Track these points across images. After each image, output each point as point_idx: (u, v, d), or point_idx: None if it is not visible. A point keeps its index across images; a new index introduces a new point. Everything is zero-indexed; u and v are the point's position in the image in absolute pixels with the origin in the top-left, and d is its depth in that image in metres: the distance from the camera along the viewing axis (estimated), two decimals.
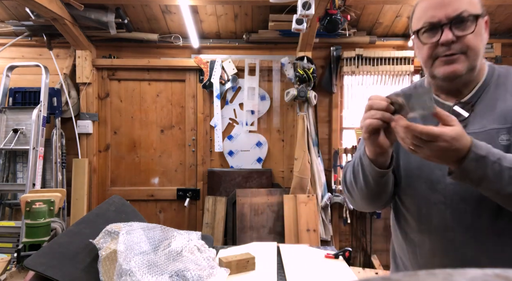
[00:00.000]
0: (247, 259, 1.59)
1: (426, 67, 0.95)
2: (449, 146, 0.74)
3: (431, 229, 0.94)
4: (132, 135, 3.72)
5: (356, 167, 0.97)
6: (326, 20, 2.84)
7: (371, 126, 0.82)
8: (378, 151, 0.87)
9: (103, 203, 1.69)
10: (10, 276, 1.33)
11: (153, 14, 3.37)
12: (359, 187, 0.98)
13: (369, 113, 0.83)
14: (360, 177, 0.96)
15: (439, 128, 0.74)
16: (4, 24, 3.43)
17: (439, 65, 0.91)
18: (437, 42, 0.90)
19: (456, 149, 0.75)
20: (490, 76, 0.96)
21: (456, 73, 0.90)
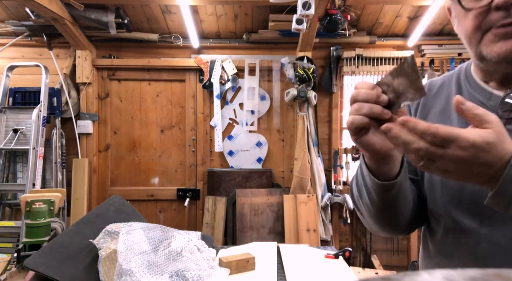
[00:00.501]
0: (247, 259, 1.59)
1: (471, 44, 0.67)
2: (471, 157, 0.50)
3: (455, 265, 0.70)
4: (132, 135, 3.72)
5: (359, 178, 0.75)
6: (326, 20, 2.84)
7: (353, 125, 0.60)
8: (375, 157, 0.65)
9: (103, 203, 1.69)
10: (10, 276, 1.33)
11: (153, 14, 3.37)
12: (364, 204, 0.76)
13: (353, 107, 0.61)
14: (363, 191, 0.74)
15: (457, 130, 0.51)
16: (4, 24, 3.43)
17: (493, 40, 0.63)
18: (489, 4, 0.63)
19: (486, 163, 0.51)
20: None
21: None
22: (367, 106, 0.60)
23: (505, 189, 0.52)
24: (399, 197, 0.71)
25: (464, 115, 0.53)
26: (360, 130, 0.61)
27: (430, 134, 0.51)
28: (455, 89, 0.77)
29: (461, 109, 0.52)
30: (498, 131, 0.51)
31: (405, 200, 0.73)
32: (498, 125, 0.52)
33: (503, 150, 0.51)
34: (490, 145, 0.50)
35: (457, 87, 0.77)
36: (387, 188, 0.68)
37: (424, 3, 3.09)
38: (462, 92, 0.75)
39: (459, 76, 0.78)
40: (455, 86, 0.77)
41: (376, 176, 0.68)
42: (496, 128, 0.51)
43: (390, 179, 0.67)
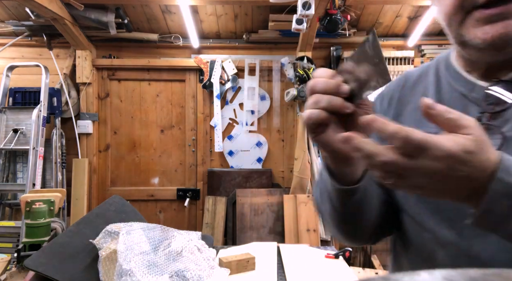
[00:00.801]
0: (247, 259, 1.59)
1: (451, 27, 0.57)
2: (448, 169, 0.42)
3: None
4: (132, 135, 3.72)
5: (320, 181, 0.66)
6: (326, 20, 2.84)
7: (310, 121, 0.51)
8: (335, 158, 0.56)
9: (103, 203, 1.69)
10: (10, 276, 1.33)
11: (153, 14, 3.37)
12: (326, 210, 0.66)
13: (311, 99, 0.51)
14: (325, 196, 0.65)
15: (431, 136, 0.42)
16: (4, 24, 3.43)
17: (477, 23, 0.53)
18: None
19: (466, 176, 0.42)
20: None
21: (509, 36, 0.51)
22: (326, 98, 0.50)
23: (492, 208, 0.43)
24: (363, 204, 0.62)
25: (434, 122, 0.44)
26: (318, 127, 0.52)
27: (401, 139, 0.41)
28: (433, 80, 0.68)
29: (430, 114, 0.44)
30: (478, 138, 0.42)
31: (370, 207, 0.65)
32: (478, 131, 0.43)
33: (485, 160, 0.42)
34: (470, 154, 0.42)
35: (436, 79, 0.68)
36: (349, 193, 0.59)
37: (424, 3, 3.09)
38: (441, 84, 0.66)
39: (438, 65, 0.69)
40: (433, 77, 0.68)
41: (338, 179, 0.59)
42: (476, 134, 0.42)
43: (353, 183, 0.59)
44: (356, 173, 0.59)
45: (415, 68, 0.76)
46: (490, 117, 0.56)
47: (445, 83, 0.66)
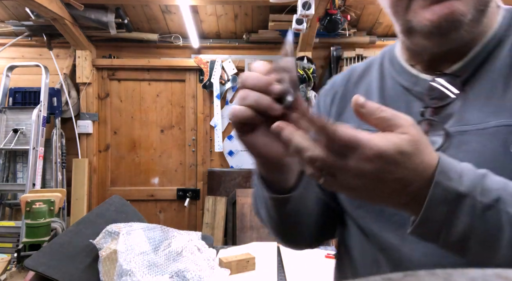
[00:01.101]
0: (247, 259, 1.59)
1: (397, 14, 0.55)
2: (380, 171, 0.38)
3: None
4: (132, 135, 3.72)
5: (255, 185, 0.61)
6: (326, 20, 2.84)
7: (235, 118, 0.46)
8: (263, 163, 0.52)
9: (103, 203, 1.69)
10: (10, 276, 1.33)
11: (153, 14, 3.37)
12: (264, 216, 0.63)
13: (239, 94, 0.46)
14: (260, 200, 0.61)
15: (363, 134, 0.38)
16: (4, 24, 3.43)
17: (423, 4, 0.50)
18: None
19: (401, 179, 0.38)
20: (504, 31, 0.54)
21: (454, 16, 0.48)
22: (253, 95, 0.44)
23: (431, 216, 0.39)
24: (300, 210, 0.58)
25: (367, 121, 0.40)
26: (244, 126, 0.46)
27: (327, 135, 0.37)
28: (377, 75, 0.65)
29: (361, 113, 0.39)
30: (414, 137, 0.38)
31: (309, 212, 0.61)
32: (414, 130, 0.39)
33: (422, 162, 0.38)
34: (405, 156, 0.37)
35: (380, 73, 0.65)
36: (283, 202, 0.55)
37: None
38: (384, 78, 0.63)
39: (383, 59, 0.66)
40: (377, 72, 0.65)
41: (271, 186, 0.54)
42: (412, 133, 0.38)
43: (287, 190, 0.54)
44: (290, 179, 0.54)
45: (361, 62, 0.73)
46: (433, 112, 0.54)
47: (389, 77, 0.63)
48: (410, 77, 0.59)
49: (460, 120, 0.51)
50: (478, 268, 0.16)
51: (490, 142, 0.47)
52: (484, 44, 0.53)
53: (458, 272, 0.15)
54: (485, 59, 0.53)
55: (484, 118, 0.49)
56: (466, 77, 0.53)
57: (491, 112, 0.49)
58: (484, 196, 0.38)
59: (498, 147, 0.46)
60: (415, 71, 0.59)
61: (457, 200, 0.38)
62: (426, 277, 0.15)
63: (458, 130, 0.51)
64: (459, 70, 0.54)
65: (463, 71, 0.54)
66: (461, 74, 0.53)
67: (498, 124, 0.47)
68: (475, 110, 0.50)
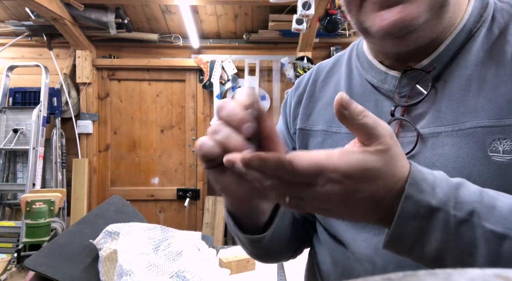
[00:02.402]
0: (247, 259, 1.59)
1: (351, 11, 0.52)
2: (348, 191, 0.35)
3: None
4: (132, 135, 3.72)
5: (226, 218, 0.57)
6: (326, 20, 2.84)
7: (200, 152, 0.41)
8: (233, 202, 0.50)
9: (103, 203, 1.69)
10: (10, 276, 1.33)
11: (153, 14, 3.37)
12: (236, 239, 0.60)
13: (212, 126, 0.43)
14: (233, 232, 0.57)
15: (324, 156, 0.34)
16: (4, 24, 3.43)
17: (373, 6, 0.47)
18: None
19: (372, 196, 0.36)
20: (476, 20, 0.50)
21: (405, 22, 0.45)
22: (224, 132, 0.40)
23: (402, 231, 0.37)
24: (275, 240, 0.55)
25: (346, 124, 0.36)
26: (211, 161, 0.42)
27: (286, 172, 0.34)
28: (345, 71, 0.61)
29: (343, 115, 0.35)
30: (388, 150, 0.35)
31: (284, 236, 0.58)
32: (392, 142, 0.36)
33: (393, 176, 0.36)
34: (374, 172, 0.35)
35: (348, 69, 0.61)
36: (256, 240, 0.52)
37: None
38: (352, 75, 0.59)
39: (351, 54, 0.63)
40: (345, 68, 0.61)
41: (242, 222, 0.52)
42: (386, 145, 0.35)
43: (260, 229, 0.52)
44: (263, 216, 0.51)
45: (328, 59, 0.68)
46: (403, 111, 0.51)
47: (357, 74, 0.59)
48: (378, 74, 0.55)
49: (433, 121, 0.47)
50: (478, 268, 0.16)
51: (466, 145, 0.44)
52: (454, 37, 0.49)
53: (457, 272, 0.15)
54: (456, 53, 0.49)
55: (458, 118, 0.46)
56: (437, 73, 0.50)
57: (466, 112, 0.46)
58: (458, 210, 0.36)
59: (475, 150, 0.43)
60: (383, 68, 0.55)
61: (429, 214, 0.36)
62: (426, 276, 0.15)
63: (432, 132, 0.47)
64: (428, 66, 0.50)
65: (433, 67, 0.50)
66: (431, 69, 0.49)
67: (474, 125, 0.44)
68: (449, 110, 0.47)
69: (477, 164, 0.43)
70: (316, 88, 0.65)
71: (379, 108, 0.54)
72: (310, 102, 0.64)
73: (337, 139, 0.56)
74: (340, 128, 0.56)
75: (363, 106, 0.49)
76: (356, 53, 0.61)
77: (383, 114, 0.52)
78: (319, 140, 0.59)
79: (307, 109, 0.64)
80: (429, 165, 0.45)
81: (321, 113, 0.61)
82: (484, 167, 0.43)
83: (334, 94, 0.60)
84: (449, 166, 0.44)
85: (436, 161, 0.45)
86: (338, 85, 0.61)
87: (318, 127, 0.60)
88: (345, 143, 0.53)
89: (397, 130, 0.51)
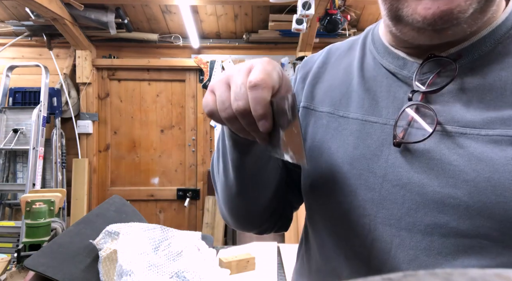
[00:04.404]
0: (247, 259, 1.59)
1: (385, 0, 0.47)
2: None
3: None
4: (132, 135, 3.72)
5: (218, 142, 0.58)
6: (326, 20, 2.84)
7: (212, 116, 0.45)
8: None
9: (103, 203, 1.69)
10: (10, 276, 1.33)
11: (153, 14, 3.37)
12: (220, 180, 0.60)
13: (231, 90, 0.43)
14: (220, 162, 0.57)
15: None
16: (4, 24, 3.43)
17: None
18: None
19: None
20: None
21: (452, 15, 0.41)
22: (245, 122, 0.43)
23: None
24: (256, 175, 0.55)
25: None
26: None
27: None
28: (359, 55, 0.58)
29: None
30: None
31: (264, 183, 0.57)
32: None
33: None
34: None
35: (361, 53, 0.58)
36: (242, 151, 0.51)
37: None
38: (365, 58, 0.57)
39: (366, 39, 0.60)
40: (359, 52, 0.59)
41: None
42: None
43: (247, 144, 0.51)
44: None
45: (341, 42, 0.65)
46: (422, 98, 0.48)
47: (370, 58, 0.56)
48: (396, 60, 0.52)
49: (459, 120, 0.44)
50: (478, 268, 0.16)
51: (490, 151, 0.42)
52: (493, 29, 0.45)
53: (458, 272, 0.16)
54: (493, 49, 0.45)
55: (488, 124, 0.43)
56: (466, 65, 0.45)
57: (497, 118, 0.42)
58: None
59: (500, 156, 0.41)
60: (402, 54, 0.51)
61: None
62: (426, 277, 0.15)
63: (456, 131, 0.44)
64: (456, 54, 0.46)
65: (462, 56, 0.46)
66: (459, 58, 0.46)
67: (503, 134, 0.42)
68: (478, 112, 0.43)
69: (499, 170, 0.41)
70: (325, 69, 0.62)
71: (392, 93, 0.50)
72: (317, 82, 0.61)
73: (343, 123, 0.53)
74: (349, 113, 0.53)
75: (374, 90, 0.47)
76: (372, 38, 0.58)
77: (395, 100, 0.49)
78: (323, 122, 0.56)
79: (313, 88, 0.61)
80: (444, 162, 0.44)
81: (328, 95, 0.58)
82: (507, 174, 0.40)
83: (344, 76, 0.58)
84: (468, 167, 0.42)
85: (453, 160, 0.43)
86: (350, 67, 0.58)
87: (323, 108, 0.57)
88: (352, 128, 0.52)
89: (411, 118, 0.47)
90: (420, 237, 0.45)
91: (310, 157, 0.56)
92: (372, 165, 0.49)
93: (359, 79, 0.55)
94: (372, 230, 0.48)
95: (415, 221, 0.45)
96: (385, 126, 0.49)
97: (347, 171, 0.50)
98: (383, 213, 0.47)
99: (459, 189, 0.42)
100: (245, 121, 0.42)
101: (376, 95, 0.51)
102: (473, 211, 0.41)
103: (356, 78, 0.55)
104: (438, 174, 0.44)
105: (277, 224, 0.67)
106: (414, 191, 0.45)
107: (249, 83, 0.41)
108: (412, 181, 0.45)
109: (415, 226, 0.45)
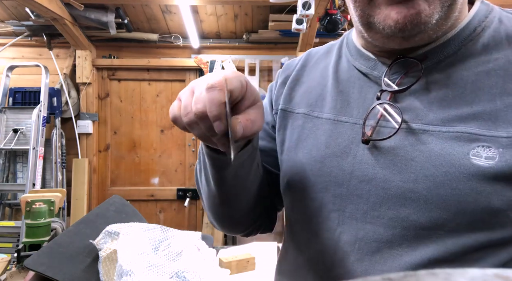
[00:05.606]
0: (247, 259, 1.59)
1: (356, 4, 0.49)
2: None
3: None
4: (132, 135, 3.72)
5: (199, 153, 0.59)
6: (326, 20, 2.84)
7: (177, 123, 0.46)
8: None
9: (103, 203, 1.69)
10: (10, 276, 1.33)
11: (153, 14, 3.37)
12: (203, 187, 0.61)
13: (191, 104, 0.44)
14: (202, 170, 0.59)
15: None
16: (4, 24, 3.43)
17: (384, 2, 0.46)
18: None
19: None
20: (481, 20, 0.49)
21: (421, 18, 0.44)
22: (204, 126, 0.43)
23: None
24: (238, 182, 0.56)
25: None
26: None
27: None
28: (335, 58, 0.61)
29: None
30: None
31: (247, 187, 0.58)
32: None
33: None
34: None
35: (337, 56, 0.62)
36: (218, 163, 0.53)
37: None
38: (340, 61, 0.60)
39: (342, 43, 0.63)
40: (335, 56, 0.62)
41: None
42: None
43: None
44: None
45: (320, 46, 0.69)
46: (390, 97, 0.50)
47: (345, 61, 0.59)
48: (367, 61, 0.55)
49: (423, 117, 0.47)
50: (478, 268, 0.16)
51: (450, 146, 0.44)
52: (457, 32, 0.49)
53: (457, 272, 0.16)
54: (456, 51, 0.48)
55: (449, 121, 0.45)
56: (431, 66, 0.49)
57: (457, 116, 0.45)
58: None
59: (458, 151, 0.44)
60: (372, 56, 0.54)
61: None
62: (426, 277, 0.15)
63: (419, 128, 0.47)
64: (423, 55, 0.49)
65: (428, 58, 0.49)
66: (425, 60, 0.49)
67: (463, 130, 0.44)
68: (440, 110, 0.46)
69: (455, 165, 0.44)
70: (303, 72, 0.65)
71: (363, 93, 0.54)
72: (296, 85, 0.65)
73: (317, 124, 0.57)
74: (322, 114, 0.57)
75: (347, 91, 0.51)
76: (346, 42, 0.62)
77: (366, 100, 0.53)
78: (299, 122, 0.60)
79: (291, 91, 0.64)
80: (407, 159, 0.47)
81: (305, 96, 0.61)
82: (463, 168, 0.43)
83: (320, 78, 0.61)
84: (428, 163, 0.45)
85: (416, 157, 0.46)
86: (326, 70, 0.61)
87: (300, 110, 0.61)
88: (325, 128, 0.55)
89: (379, 116, 0.50)
90: (383, 230, 0.47)
91: (287, 156, 0.59)
92: (341, 162, 0.52)
93: (333, 81, 0.58)
94: (340, 224, 0.51)
95: (379, 215, 0.48)
96: (355, 126, 0.52)
97: (319, 168, 0.54)
98: (351, 208, 0.50)
99: (419, 183, 0.45)
100: (204, 124, 0.43)
101: (349, 95, 0.55)
102: (431, 204, 0.44)
103: (331, 80, 0.59)
104: (401, 170, 0.46)
105: (262, 226, 0.70)
106: (379, 186, 0.48)
107: (206, 85, 0.42)
108: (377, 177, 0.48)
109: (378, 220, 0.48)
